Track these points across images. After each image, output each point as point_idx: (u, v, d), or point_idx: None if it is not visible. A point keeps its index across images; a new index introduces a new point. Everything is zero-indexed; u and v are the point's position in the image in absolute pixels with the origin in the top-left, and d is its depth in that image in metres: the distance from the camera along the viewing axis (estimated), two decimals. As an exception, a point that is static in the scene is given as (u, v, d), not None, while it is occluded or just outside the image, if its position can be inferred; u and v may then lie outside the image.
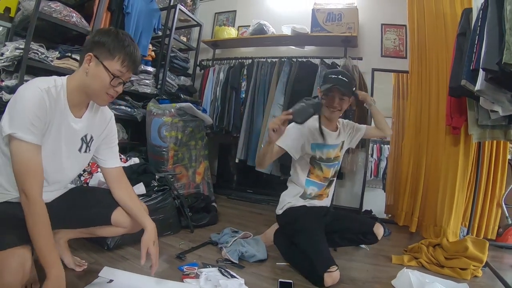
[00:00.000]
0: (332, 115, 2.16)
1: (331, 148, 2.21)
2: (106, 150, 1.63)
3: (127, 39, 1.36)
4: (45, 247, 1.20)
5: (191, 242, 2.35)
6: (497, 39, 1.76)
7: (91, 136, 1.52)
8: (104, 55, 1.32)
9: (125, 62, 1.34)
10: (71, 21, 2.88)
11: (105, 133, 1.60)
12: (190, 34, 5.13)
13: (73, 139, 1.45)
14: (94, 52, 1.33)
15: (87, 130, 1.49)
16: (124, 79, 1.38)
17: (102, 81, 1.33)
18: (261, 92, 4.00)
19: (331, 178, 2.26)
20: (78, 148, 1.48)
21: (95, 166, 2.67)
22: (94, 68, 1.33)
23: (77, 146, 1.48)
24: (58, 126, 1.34)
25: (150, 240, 1.50)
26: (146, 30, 3.69)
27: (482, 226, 2.96)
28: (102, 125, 1.58)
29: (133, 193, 1.66)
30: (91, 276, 1.64)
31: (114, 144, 1.68)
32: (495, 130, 2.39)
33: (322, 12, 3.91)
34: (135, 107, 3.64)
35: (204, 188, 3.49)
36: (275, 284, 1.78)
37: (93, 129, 1.52)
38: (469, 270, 2.09)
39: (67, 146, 1.42)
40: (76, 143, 1.47)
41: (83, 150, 1.50)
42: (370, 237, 2.10)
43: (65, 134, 1.39)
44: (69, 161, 1.46)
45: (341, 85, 2.06)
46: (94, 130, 1.53)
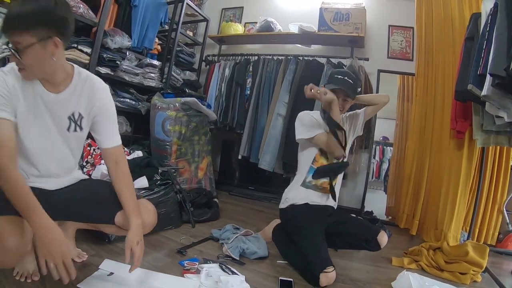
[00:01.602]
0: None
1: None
2: (100, 128, 1.53)
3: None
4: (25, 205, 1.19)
5: (192, 237, 2.36)
6: (505, 45, 1.76)
7: (79, 113, 1.45)
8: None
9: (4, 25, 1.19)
10: (78, 12, 2.86)
11: (97, 107, 1.49)
12: (197, 29, 5.11)
13: (59, 118, 1.40)
14: None
15: (73, 108, 1.43)
16: (14, 46, 1.19)
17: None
18: (266, 90, 4.00)
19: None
20: (67, 128, 1.43)
21: (98, 158, 2.68)
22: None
23: (65, 126, 1.43)
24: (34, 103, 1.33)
25: (133, 239, 1.43)
26: (152, 24, 3.68)
27: (483, 231, 2.96)
28: (91, 99, 1.47)
29: (128, 183, 1.55)
30: (91, 268, 1.65)
31: (112, 120, 1.57)
32: (499, 136, 2.38)
33: (330, 11, 3.90)
34: (140, 100, 3.63)
35: (206, 183, 3.49)
36: (275, 282, 1.78)
37: (81, 106, 1.45)
38: (468, 275, 2.09)
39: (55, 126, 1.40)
40: (63, 123, 1.42)
41: (72, 129, 1.45)
42: (373, 244, 2.07)
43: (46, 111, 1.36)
44: (60, 142, 1.44)
45: (347, 87, 2.09)
46: (83, 107, 1.45)
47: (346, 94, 2.12)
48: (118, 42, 3.17)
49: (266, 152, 3.75)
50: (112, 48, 3.16)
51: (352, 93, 2.13)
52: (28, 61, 1.22)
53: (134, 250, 1.42)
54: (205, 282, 1.62)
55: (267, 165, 3.72)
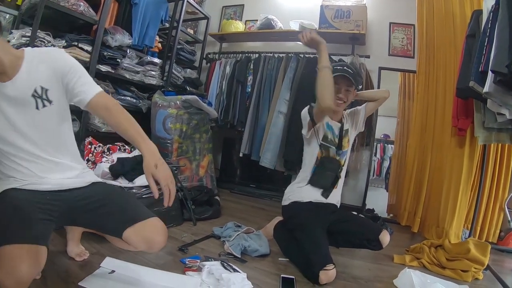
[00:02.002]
0: (339, 108, 2.18)
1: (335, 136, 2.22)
2: (72, 87, 1.39)
3: None
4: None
5: (193, 235, 2.36)
6: (507, 41, 1.76)
7: (42, 87, 1.34)
8: None
9: None
10: (79, 10, 2.86)
11: (60, 70, 1.37)
12: (197, 27, 5.10)
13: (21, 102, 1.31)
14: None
15: (34, 84, 1.32)
16: None
17: None
18: (267, 87, 3.99)
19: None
20: (35, 107, 1.33)
21: (99, 156, 2.68)
22: None
23: (32, 106, 1.33)
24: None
25: (150, 164, 1.31)
26: (153, 22, 3.68)
27: (484, 229, 2.95)
28: (49, 66, 1.36)
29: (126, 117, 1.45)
30: (92, 266, 1.65)
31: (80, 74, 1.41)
32: (501, 133, 2.36)
33: (331, 8, 3.89)
34: (140, 98, 3.63)
35: (207, 181, 3.49)
36: (277, 279, 1.78)
37: (41, 79, 1.34)
38: (470, 272, 2.09)
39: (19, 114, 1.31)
40: (29, 104, 1.32)
41: (40, 105, 1.34)
42: (375, 244, 2.06)
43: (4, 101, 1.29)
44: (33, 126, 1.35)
45: (348, 74, 2.09)
46: (43, 79, 1.34)
47: (348, 82, 2.12)
48: (118, 40, 3.17)
49: (267, 149, 3.74)
50: (113, 46, 3.16)
51: (354, 81, 2.13)
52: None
53: (155, 175, 1.30)
54: (207, 280, 1.62)
55: (268, 163, 3.72)
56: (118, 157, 2.59)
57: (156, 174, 1.29)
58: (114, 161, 2.53)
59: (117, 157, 2.57)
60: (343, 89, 2.14)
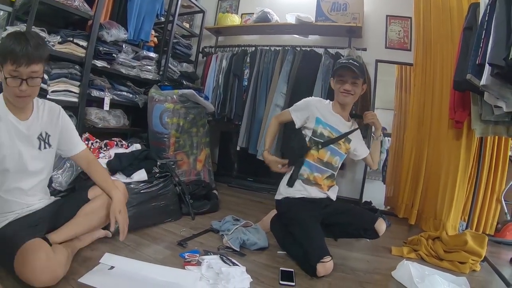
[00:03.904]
0: (346, 100, 2.19)
1: (336, 132, 2.22)
2: (68, 140, 1.78)
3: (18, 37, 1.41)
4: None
5: (192, 229, 2.37)
6: (504, 34, 1.76)
7: (46, 132, 1.66)
8: (1, 61, 1.39)
9: (12, 59, 1.36)
10: (73, 5, 2.82)
11: (60, 125, 1.73)
12: (193, 21, 5.07)
13: (30, 140, 1.59)
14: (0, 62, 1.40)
15: (41, 129, 1.63)
16: (24, 76, 1.40)
17: (4, 85, 1.42)
18: (264, 80, 3.98)
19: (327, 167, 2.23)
20: (38, 147, 1.62)
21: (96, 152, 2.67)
22: (1, 76, 1.42)
23: (36, 146, 1.62)
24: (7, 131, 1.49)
25: (116, 209, 1.69)
26: (148, 16, 3.64)
27: (481, 221, 2.97)
28: (53, 120, 1.70)
29: (102, 170, 1.89)
30: (92, 263, 1.66)
31: (72, 132, 1.82)
32: (498, 126, 2.38)
33: (327, 1, 3.87)
34: (137, 93, 3.61)
35: (205, 175, 3.49)
36: (276, 272, 1.80)
37: (46, 126, 1.66)
38: (467, 264, 2.11)
39: (26, 148, 1.57)
40: (34, 144, 1.61)
41: (42, 147, 1.64)
42: (371, 233, 2.09)
43: (18, 137, 1.53)
44: (34, 162, 1.61)
45: (353, 66, 2.10)
46: (48, 127, 1.67)
47: (354, 74, 2.12)
48: (114, 35, 3.13)
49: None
50: (108, 41, 3.12)
51: (361, 73, 2.13)
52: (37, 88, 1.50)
53: (117, 218, 1.68)
54: (206, 274, 1.63)
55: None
56: (115, 152, 2.58)
57: (118, 218, 1.69)
58: (112, 156, 2.52)
59: (115, 153, 2.56)
60: (349, 82, 2.15)
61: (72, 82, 2.85)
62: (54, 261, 1.37)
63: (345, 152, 2.27)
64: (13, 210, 1.57)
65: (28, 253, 1.32)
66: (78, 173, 2.20)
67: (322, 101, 2.31)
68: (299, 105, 2.30)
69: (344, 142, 2.24)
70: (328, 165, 2.22)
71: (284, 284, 1.69)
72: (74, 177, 2.21)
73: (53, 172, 2.18)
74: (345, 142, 2.25)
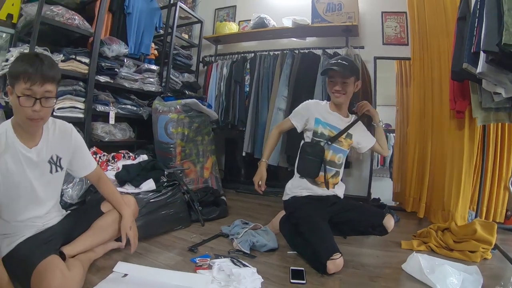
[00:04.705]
0: (338, 100, 2.22)
1: (335, 130, 2.25)
2: (80, 160, 1.79)
3: (31, 57, 1.42)
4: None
5: (202, 235, 2.39)
6: (496, 20, 1.76)
7: (57, 155, 1.65)
8: (13, 82, 1.38)
9: (26, 77, 1.35)
10: (74, 23, 2.89)
11: (73, 146, 1.73)
12: (192, 31, 5.14)
13: (40, 167, 1.57)
14: (10, 83, 1.40)
15: (51, 152, 1.61)
16: (38, 96, 1.38)
17: (16, 107, 1.39)
18: (265, 85, 4.02)
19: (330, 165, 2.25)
20: (49, 171, 1.62)
21: (104, 165, 2.72)
22: (12, 99, 1.40)
23: (47, 170, 1.61)
24: (16, 163, 1.47)
25: (127, 226, 1.80)
26: (147, 29, 3.73)
27: (490, 209, 2.94)
28: (65, 140, 1.69)
29: (112, 187, 1.93)
30: (105, 271, 1.70)
31: (84, 152, 1.83)
32: (499, 112, 2.36)
33: (322, 2, 3.91)
34: (141, 105, 3.68)
35: (212, 183, 3.53)
36: (287, 272, 1.81)
37: (57, 149, 1.64)
38: (478, 253, 2.11)
39: (36, 177, 1.56)
40: (45, 169, 1.60)
41: (54, 170, 1.64)
42: (380, 229, 2.09)
43: (28, 166, 1.52)
44: (46, 188, 1.62)
45: (340, 67, 2.13)
46: (59, 149, 1.66)
47: (342, 74, 2.15)
48: (115, 50, 3.21)
49: (269, 147, 3.77)
50: (110, 56, 3.20)
51: (349, 72, 2.16)
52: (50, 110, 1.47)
53: (128, 234, 1.79)
54: (218, 276, 1.66)
55: (271, 160, 3.73)
56: (123, 164, 2.63)
57: (128, 233, 1.80)
58: (120, 168, 2.56)
59: (122, 164, 2.61)
60: (339, 82, 2.18)
61: (77, 98, 2.92)
62: (70, 280, 1.39)
63: (347, 148, 2.29)
64: (30, 229, 1.59)
65: (44, 273, 1.34)
66: (87, 186, 2.24)
67: (319, 103, 2.36)
68: (297, 110, 2.35)
69: (345, 138, 2.26)
70: (331, 163, 2.25)
71: (295, 283, 1.71)
72: (84, 190, 2.26)
73: (63, 186, 2.21)
74: (347, 138, 2.27)
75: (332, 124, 2.25)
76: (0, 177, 1.43)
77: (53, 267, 1.37)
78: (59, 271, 1.37)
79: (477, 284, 1.69)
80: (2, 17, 2.90)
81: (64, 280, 1.35)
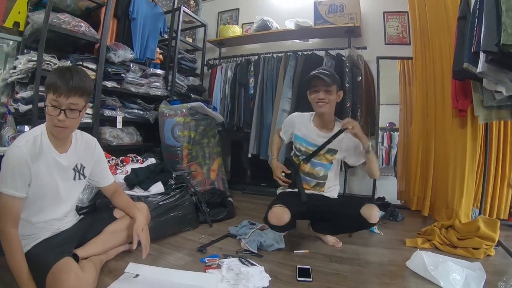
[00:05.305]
0: (321, 109, 2.24)
1: (311, 146, 2.31)
2: (99, 172, 1.92)
3: (63, 70, 1.54)
4: (16, 267, 1.42)
5: (210, 236, 2.44)
6: (494, 21, 1.78)
7: (81, 164, 1.77)
8: (45, 91, 1.53)
9: (55, 89, 1.47)
10: (80, 30, 2.95)
11: (95, 158, 1.86)
12: (196, 35, 5.21)
13: (66, 172, 1.69)
14: (44, 92, 1.54)
15: (77, 160, 1.74)
16: (63, 107, 1.49)
17: (47, 116, 1.52)
18: (269, 87, 4.07)
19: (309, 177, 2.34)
20: (73, 177, 1.74)
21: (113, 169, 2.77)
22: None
23: (71, 177, 1.73)
24: (47, 166, 1.58)
25: (139, 228, 1.85)
26: (152, 34, 3.79)
27: (494, 206, 2.97)
28: (90, 152, 1.83)
29: (126, 197, 2.04)
30: (117, 272, 1.75)
31: (104, 165, 1.97)
32: (501, 110, 2.38)
33: (324, 4, 3.95)
34: (147, 109, 3.74)
35: (219, 184, 3.58)
36: (293, 270, 1.86)
37: (82, 158, 1.77)
38: (481, 250, 2.13)
39: (63, 180, 1.67)
40: (70, 175, 1.72)
41: (77, 178, 1.76)
42: (361, 220, 2.10)
43: (57, 170, 1.63)
44: (69, 192, 1.73)
45: (323, 75, 2.17)
46: (83, 159, 1.78)
47: (326, 82, 2.17)
48: (121, 55, 3.27)
49: (275, 148, 3.81)
50: (116, 62, 3.26)
51: (331, 80, 2.18)
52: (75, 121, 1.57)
53: (140, 236, 1.83)
54: (227, 275, 1.71)
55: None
56: (131, 168, 2.68)
57: (140, 235, 1.83)
58: (128, 172, 2.62)
59: (131, 168, 2.67)
60: (322, 90, 2.20)
61: (85, 104, 2.97)
62: (84, 281, 1.45)
63: (329, 162, 2.32)
64: (46, 232, 1.66)
65: (58, 274, 1.39)
66: (97, 190, 2.30)
67: (303, 116, 2.42)
68: (285, 123, 2.51)
69: (325, 153, 2.30)
70: (310, 175, 2.34)
71: (302, 281, 1.76)
72: (94, 194, 2.31)
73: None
74: (327, 153, 2.31)
75: (309, 141, 2.33)
76: (33, 178, 1.52)
77: (67, 268, 1.42)
78: (74, 272, 1.42)
79: (480, 280, 1.72)
80: (8, 25, 2.96)
81: (78, 281, 1.41)
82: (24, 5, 3.02)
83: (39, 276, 1.42)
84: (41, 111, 2.46)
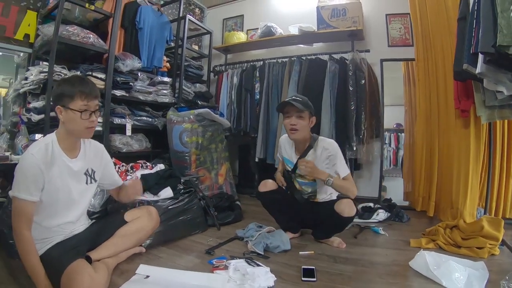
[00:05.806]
0: (293, 137, 2.38)
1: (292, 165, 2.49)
2: (108, 176, 2.03)
3: (79, 78, 1.75)
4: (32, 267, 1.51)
5: (218, 239, 2.49)
6: (491, 22, 1.83)
7: (92, 169, 1.87)
8: (66, 101, 1.62)
9: (84, 95, 1.63)
10: (89, 42, 3.05)
11: (103, 162, 1.98)
12: (201, 42, 5.30)
13: (78, 176, 1.79)
14: (59, 104, 1.64)
15: (87, 165, 1.84)
16: (92, 109, 1.67)
17: (76, 120, 1.64)
18: (275, 92, 4.12)
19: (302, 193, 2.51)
20: (85, 182, 1.83)
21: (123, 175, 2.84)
22: (66, 115, 1.64)
23: (83, 181, 1.82)
24: (60, 171, 1.67)
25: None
26: (159, 43, 3.88)
27: (500, 206, 2.96)
28: (98, 157, 1.94)
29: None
30: (128, 274, 1.82)
31: (112, 169, 2.09)
32: (503, 110, 2.40)
33: (327, 9, 4.00)
34: (155, 116, 3.81)
35: (227, 189, 3.63)
36: (298, 271, 1.90)
37: (92, 163, 1.87)
38: (486, 249, 2.14)
39: (75, 184, 1.76)
40: (81, 179, 1.81)
41: (89, 182, 1.86)
42: (336, 216, 2.23)
43: (69, 175, 1.72)
44: (81, 195, 1.81)
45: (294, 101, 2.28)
46: (93, 164, 1.89)
47: (296, 109, 2.28)
48: (129, 65, 3.36)
49: (281, 152, 3.85)
50: (124, 71, 3.36)
51: (303, 106, 2.28)
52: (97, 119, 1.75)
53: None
54: (233, 276, 1.76)
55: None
56: (141, 173, 2.75)
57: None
58: (138, 178, 2.69)
59: (141, 174, 2.74)
60: (295, 116, 2.31)
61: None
62: (97, 282, 1.51)
63: (312, 180, 2.44)
64: (59, 235, 1.73)
65: (73, 275, 1.46)
66: (108, 196, 2.37)
67: (287, 138, 2.52)
68: (278, 145, 2.70)
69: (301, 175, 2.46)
70: (302, 192, 2.52)
71: (306, 281, 1.80)
72: (105, 199, 2.39)
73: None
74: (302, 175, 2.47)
75: (290, 160, 2.53)
76: (47, 183, 1.60)
77: (81, 269, 1.49)
78: (87, 273, 1.49)
79: (483, 279, 1.73)
80: (19, 38, 3.07)
81: (92, 282, 1.47)
82: (34, 18, 3.14)
83: (54, 278, 1.50)
84: (53, 120, 2.57)
